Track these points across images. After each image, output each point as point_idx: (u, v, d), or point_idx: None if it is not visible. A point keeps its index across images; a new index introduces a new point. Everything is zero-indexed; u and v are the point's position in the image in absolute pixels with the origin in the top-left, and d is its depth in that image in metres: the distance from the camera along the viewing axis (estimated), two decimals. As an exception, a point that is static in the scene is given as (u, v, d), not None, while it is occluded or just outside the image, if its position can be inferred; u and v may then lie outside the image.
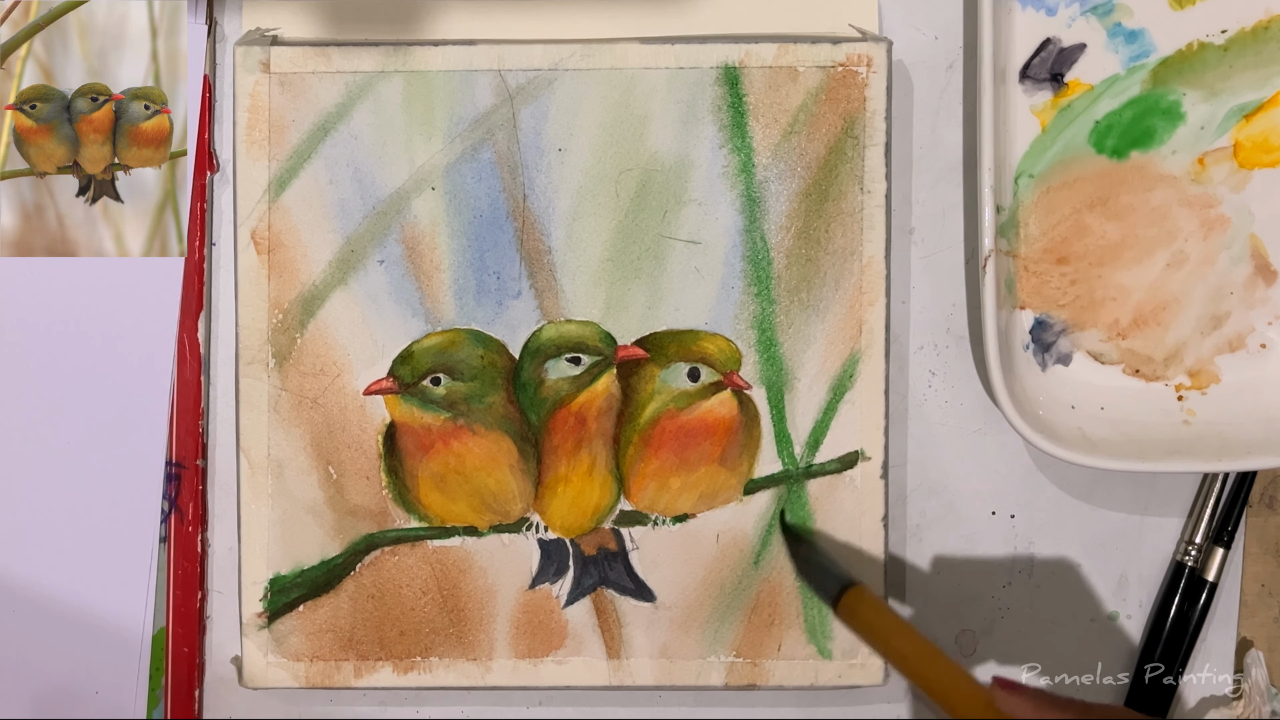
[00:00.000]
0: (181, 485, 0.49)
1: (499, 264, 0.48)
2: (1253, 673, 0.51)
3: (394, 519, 0.49)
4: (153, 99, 0.48)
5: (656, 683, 0.49)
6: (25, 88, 0.48)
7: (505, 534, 0.49)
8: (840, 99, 0.48)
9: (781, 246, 0.48)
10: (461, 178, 0.48)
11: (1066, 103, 0.49)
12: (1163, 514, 0.51)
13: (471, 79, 0.48)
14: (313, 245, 0.48)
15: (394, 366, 0.48)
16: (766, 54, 0.48)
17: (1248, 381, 0.49)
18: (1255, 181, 0.49)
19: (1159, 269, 0.49)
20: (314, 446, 0.48)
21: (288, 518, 0.48)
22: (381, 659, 0.49)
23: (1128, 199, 0.49)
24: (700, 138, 0.48)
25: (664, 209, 0.48)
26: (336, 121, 0.48)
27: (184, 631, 0.49)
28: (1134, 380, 0.50)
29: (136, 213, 0.49)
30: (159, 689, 0.49)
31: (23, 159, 0.48)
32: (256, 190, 0.48)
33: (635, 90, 0.48)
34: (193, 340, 0.49)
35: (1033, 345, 0.49)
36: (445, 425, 0.48)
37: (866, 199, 0.48)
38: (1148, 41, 0.49)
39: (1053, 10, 0.49)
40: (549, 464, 0.49)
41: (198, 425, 0.49)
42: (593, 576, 0.49)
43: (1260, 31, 0.49)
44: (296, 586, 0.48)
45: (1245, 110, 0.49)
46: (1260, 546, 0.51)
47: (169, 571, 0.49)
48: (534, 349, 0.48)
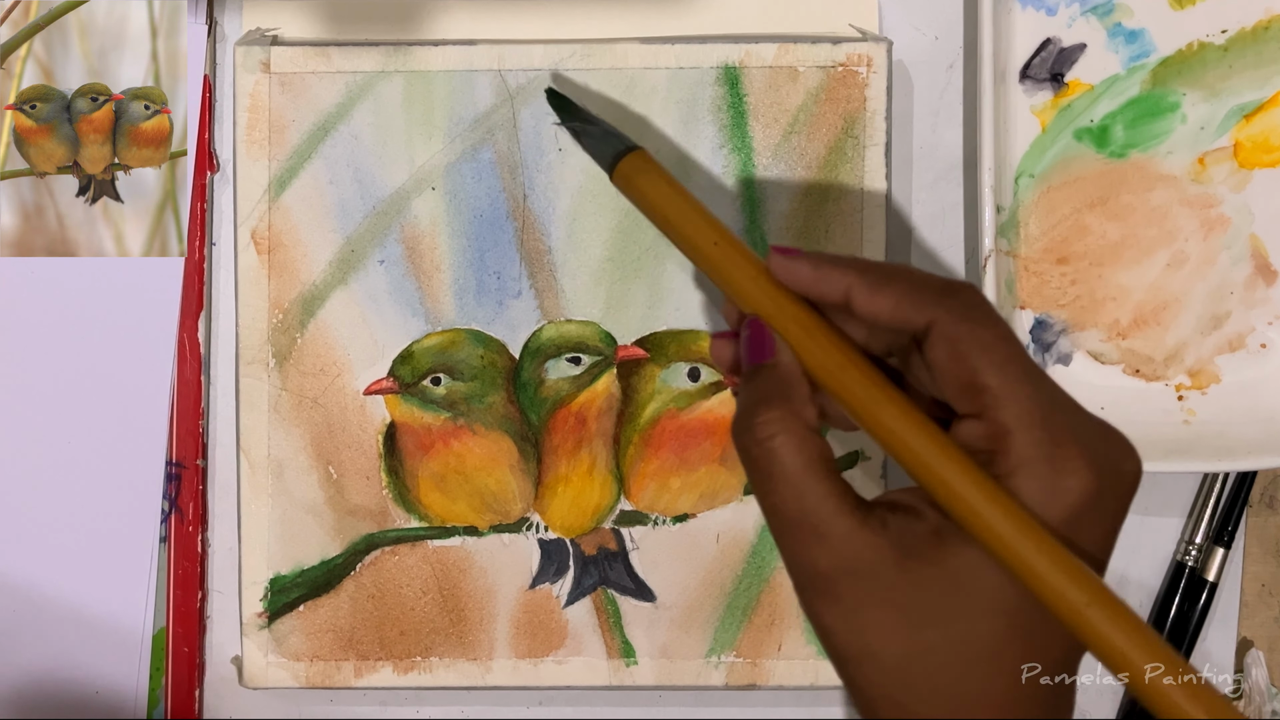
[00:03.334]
0: (181, 485, 0.49)
1: (499, 264, 0.48)
2: (1253, 673, 0.51)
3: (394, 519, 0.49)
4: (153, 99, 0.48)
5: (656, 683, 0.49)
6: (25, 88, 0.48)
7: (505, 534, 0.49)
8: (840, 99, 0.48)
9: (781, 246, 0.48)
10: (461, 178, 0.48)
11: (1066, 103, 0.49)
12: (1163, 514, 0.51)
13: (472, 79, 0.48)
14: (313, 245, 0.48)
15: (394, 366, 0.48)
16: (766, 54, 0.48)
17: (1248, 381, 0.49)
18: (1255, 181, 0.49)
19: (1159, 269, 0.49)
20: (314, 446, 0.48)
21: (288, 518, 0.48)
22: (382, 659, 0.49)
23: (1128, 199, 0.49)
24: (700, 138, 0.48)
25: (664, 209, 0.48)
26: (336, 121, 0.48)
27: (184, 631, 0.49)
28: (1134, 380, 0.50)
29: (136, 213, 0.49)
30: (159, 689, 0.49)
31: (23, 159, 0.48)
32: (256, 190, 0.48)
33: (635, 90, 0.48)
34: (193, 340, 0.49)
35: (1033, 345, 0.49)
36: (445, 425, 0.48)
37: (866, 199, 0.48)
38: (1148, 41, 0.49)
39: (1053, 10, 0.49)
40: (549, 464, 0.49)
41: (198, 425, 0.49)
42: (593, 576, 0.49)
43: (1260, 31, 0.49)
44: (296, 586, 0.48)
45: (1245, 110, 0.49)
46: (1260, 546, 0.51)
47: (169, 571, 0.49)
48: (534, 349, 0.48)
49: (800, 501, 0.31)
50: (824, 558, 0.31)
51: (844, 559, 0.31)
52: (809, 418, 0.32)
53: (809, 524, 0.31)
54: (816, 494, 0.31)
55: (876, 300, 0.32)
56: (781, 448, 0.32)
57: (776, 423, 0.32)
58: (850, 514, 0.31)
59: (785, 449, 0.32)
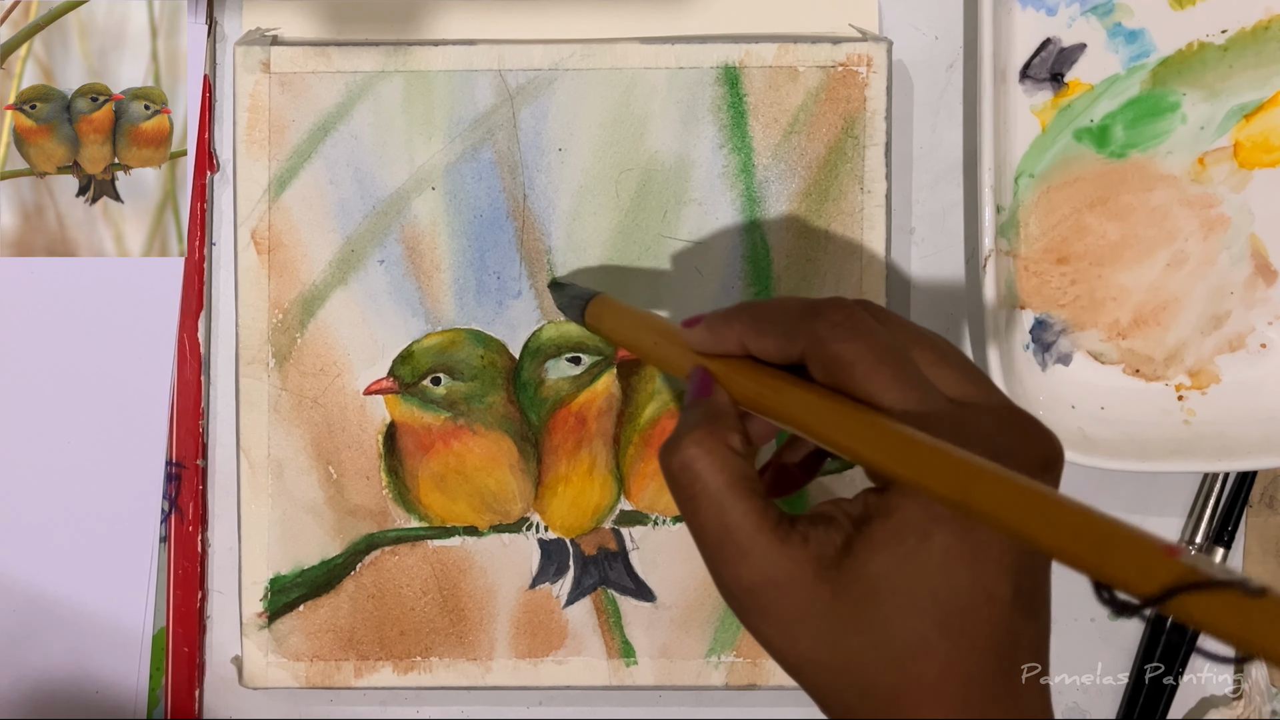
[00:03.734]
0: (181, 485, 0.49)
1: (499, 264, 0.48)
2: (1253, 673, 0.51)
3: (394, 519, 0.49)
4: (153, 99, 0.48)
5: (656, 683, 0.49)
6: (25, 88, 0.48)
7: (505, 534, 0.49)
8: (840, 99, 0.48)
9: (781, 246, 0.48)
10: (461, 178, 0.48)
11: (1066, 103, 0.49)
12: (1163, 514, 0.51)
13: (471, 79, 0.48)
14: (313, 245, 0.48)
15: (394, 366, 0.48)
16: (766, 54, 0.48)
17: (1248, 381, 0.49)
18: (1255, 181, 0.49)
19: (1159, 269, 0.49)
20: (314, 446, 0.48)
21: (288, 518, 0.48)
22: (381, 659, 0.49)
23: (1128, 199, 0.49)
24: (700, 138, 0.48)
25: (664, 209, 0.48)
26: (336, 121, 0.48)
27: (184, 631, 0.49)
28: (1134, 380, 0.50)
29: (136, 213, 0.49)
30: (159, 689, 0.49)
31: (23, 159, 0.48)
32: (256, 190, 0.48)
33: (635, 90, 0.48)
34: (193, 340, 0.49)
35: (1033, 345, 0.49)
36: (445, 425, 0.48)
37: (866, 199, 0.48)
38: (1148, 41, 0.49)
39: (1053, 10, 0.49)
40: (549, 464, 0.49)
41: (198, 425, 0.49)
42: (593, 576, 0.49)
43: (1260, 31, 0.49)
44: (296, 586, 0.48)
45: (1245, 110, 0.49)
46: (1260, 546, 0.51)
47: (169, 571, 0.49)
48: (534, 349, 0.48)
49: (722, 520, 0.33)
50: (748, 573, 0.32)
51: (766, 574, 0.32)
52: (733, 442, 0.34)
53: (732, 541, 0.33)
54: (738, 512, 0.33)
55: (762, 342, 0.35)
56: (704, 469, 0.33)
57: (700, 445, 0.33)
58: (771, 530, 0.32)
59: (708, 470, 0.33)
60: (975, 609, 0.31)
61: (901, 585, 0.31)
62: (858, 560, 0.32)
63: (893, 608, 0.31)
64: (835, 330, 0.33)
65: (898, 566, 0.31)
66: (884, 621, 0.31)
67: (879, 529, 0.31)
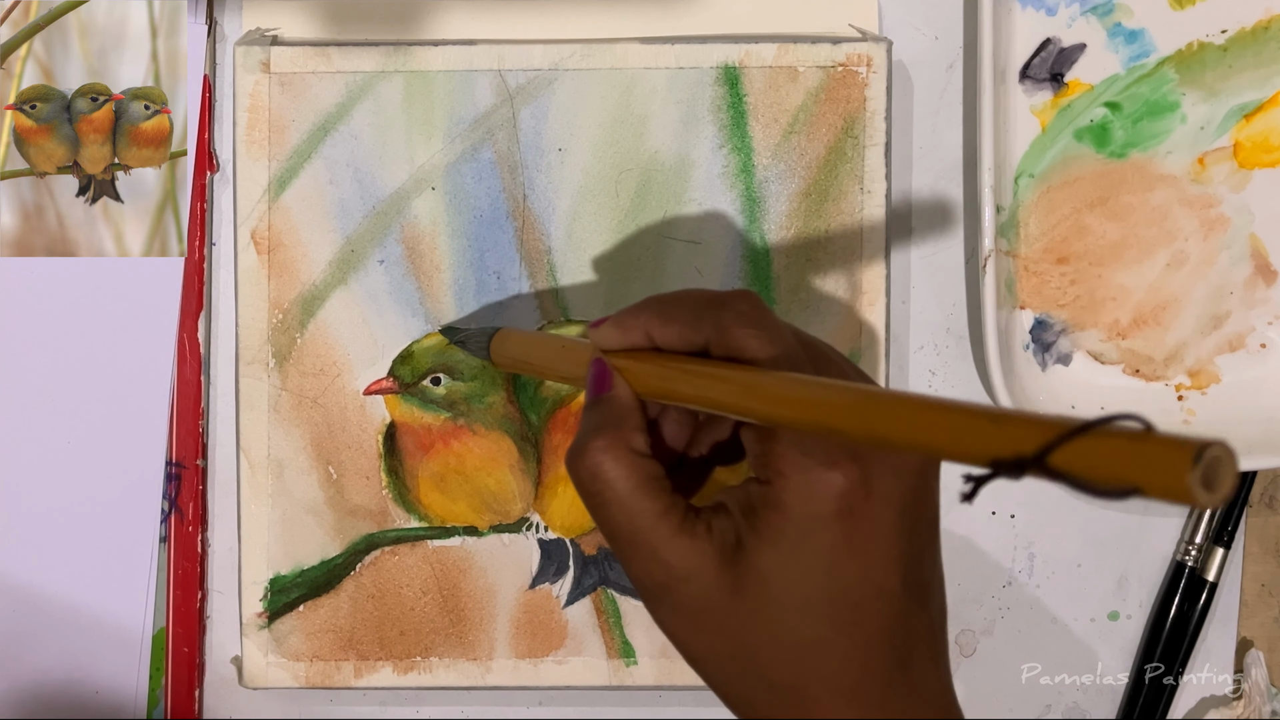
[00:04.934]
0: (181, 485, 0.49)
1: (499, 264, 0.48)
2: (1253, 673, 0.51)
3: (394, 519, 0.49)
4: (153, 99, 0.48)
5: (656, 683, 0.49)
6: (25, 88, 0.48)
7: (505, 534, 0.49)
8: (840, 99, 0.48)
9: (781, 246, 0.48)
10: (461, 178, 0.48)
11: (1066, 103, 0.49)
12: (1163, 514, 0.51)
13: (471, 79, 0.48)
14: (313, 245, 0.48)
15: (394, 366, 0.48)
16: (766, 54, 0.48)
17: (1248, 381, 0.49)
18: (1255, 181, 0.49)
19: (1159, 269, 0.49)
20: (314, 446, 0.48)
21: (288, 518, 0.48)
22: (381, 659, 0.49)
23: (1128, 199, 0.49)
24: (700, 138, 0.48)
25: (664, 209, 0.48)
26: (336, 121, 0.48)
27: (184, 631, 0.49)
28: (1134, 380, 0.50)
29: (136, 213, 0.49)
30: (159, 689, 0.49)
31: (23, 159, 0.48)
32: (256, 190, 0.48)
33: (635, 90, 0.48)
34: (193, 340, 0.49)
35: (1033, 345, 0.49)
36: (445, 425, 0.48)
37: (866, 199, 0.48)
38: (1148, 41, 0.49)
39: (1053, 10, 0.49)
40: (549, 464, 0.49)
41: (198, 425, 0.49)
42: (593, 576, 0.49)
43: (1260, 31, 0.49)
44: (296, 586, 0.48)
45: (1245, 110, 0.49)
46: (1260, 546, 0.51)
47: (169, 571, 0.49)
48: (534, 349, 0.48)
49: (630, 520, 0.33)
50: (658, 570, 0.33)
51: (674, 570, 0.33)
52: (637, 443, 0.35)
53: (641, 540, 0.33)
54: (645, 511, 0.33)
55: (667, 332, 0.35)
56: (610, 472, 0.34)
57: (605, 450, 0.34)
58: (678, 526, 0.33)
59: (614, 473, 0.34)
60: (866, 603, 0.32)
61: (792, 583, 0.32)
62: (748, 554, 0.32)
63: (787, 605, 0.32)
64: (741, 320, 0.34)
65: (784, 565, 0.32)
66: (780, 619, 0.32)
67: (764, 524, 0.32)
